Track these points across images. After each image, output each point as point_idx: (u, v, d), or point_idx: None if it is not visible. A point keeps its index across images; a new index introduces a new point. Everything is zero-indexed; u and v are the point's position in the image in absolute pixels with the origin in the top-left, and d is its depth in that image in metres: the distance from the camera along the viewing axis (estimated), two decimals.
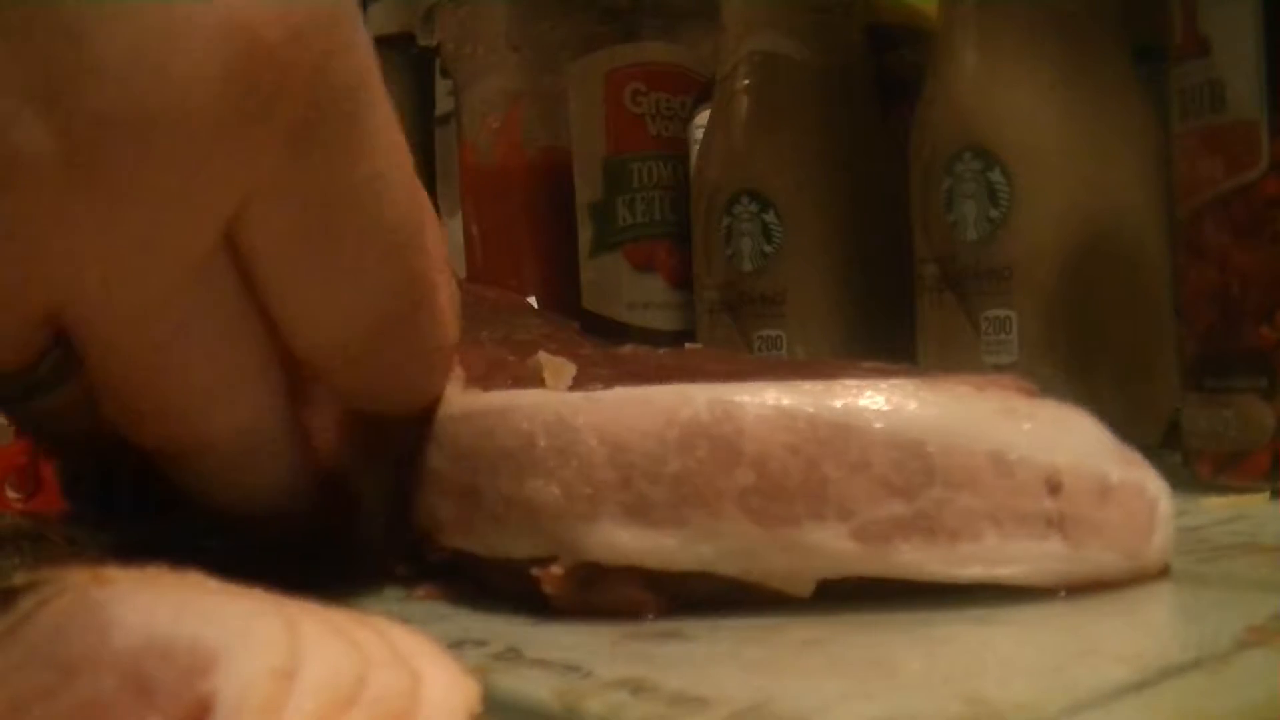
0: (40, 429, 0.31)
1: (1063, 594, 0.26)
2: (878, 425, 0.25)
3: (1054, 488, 0.26)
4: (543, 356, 0.28)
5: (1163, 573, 0.27)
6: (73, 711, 0.16)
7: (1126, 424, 0.27)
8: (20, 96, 0.21)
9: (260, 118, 0.23)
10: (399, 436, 0.30)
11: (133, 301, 0.24)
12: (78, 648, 0.16)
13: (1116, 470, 0.26)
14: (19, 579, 0.19)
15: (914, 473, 0.25)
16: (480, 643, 0.24)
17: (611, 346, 0.36)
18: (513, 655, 0.23)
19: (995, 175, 0.48)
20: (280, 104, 0.23)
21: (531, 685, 0.21)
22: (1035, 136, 0.49)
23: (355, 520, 0.32)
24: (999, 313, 0.48)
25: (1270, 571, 0.29)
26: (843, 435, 0.25)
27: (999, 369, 0.47)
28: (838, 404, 0.25)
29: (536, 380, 0.28)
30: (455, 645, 0.17)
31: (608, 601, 0.25)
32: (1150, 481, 0.27)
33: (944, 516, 0.25)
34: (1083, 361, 0.48)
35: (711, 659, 0.23)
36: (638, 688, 0.21)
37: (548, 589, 0.25)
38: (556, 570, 0.25)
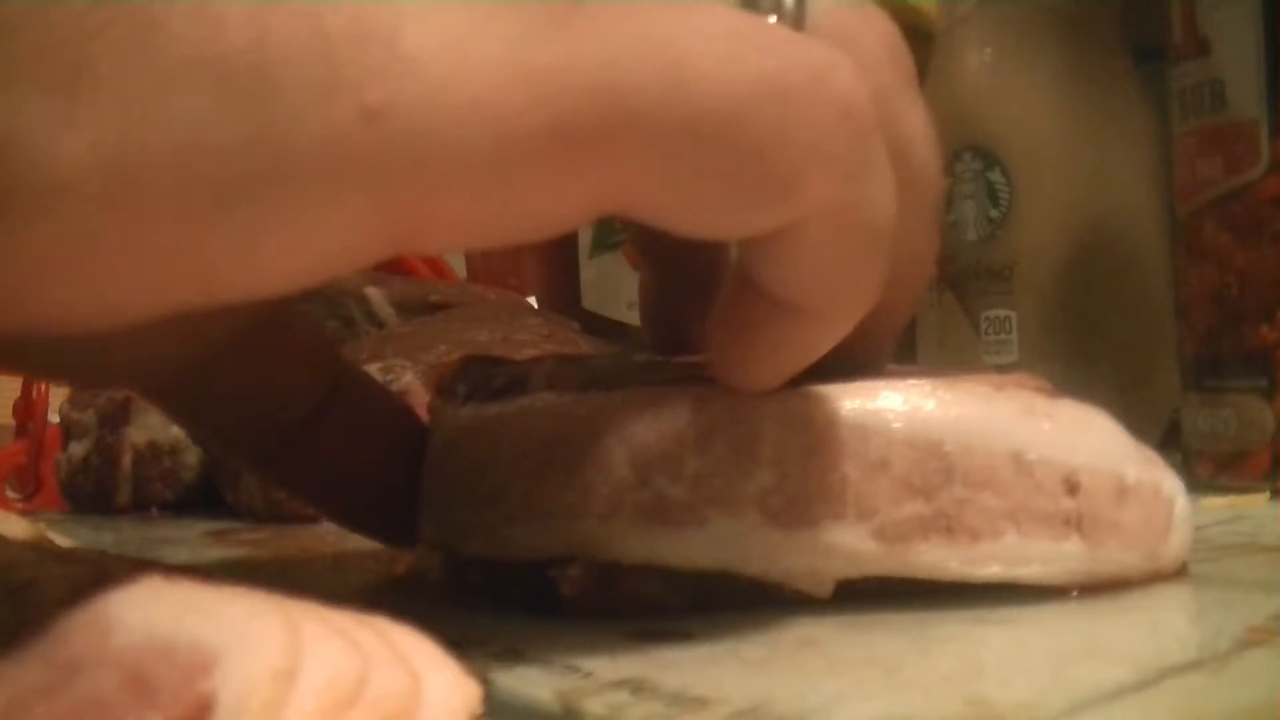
0: None
1: (1075, 594, 0.26)
2: (897, 425, 0.25)
3: (1072, 488, 0.26)
4: None
5: (1180, 572, 0.27)
6: (73, 710, 0.16)
7: (1126, 424, 0.27)
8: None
9: None
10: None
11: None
12: (78, 647, 0.16)
13: (1134, 470, 0.26)
14: (19, 579, 0.19)
15: (933, 473, 0.25)
16: (480, 643, 0.24)
17: (625, 351, 0.36)
18: (513, 655, 0.23)
19: (995, 175, 0.48)
20: None
21: (531, 685, 0.21)
22: (1035, 136, 0.49)
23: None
24: (999, 313, 0.49)
25: (1270, 571, 0.29)
26: (862, 435, 0.25)
27: (999, 369, 0.47)
28: (856, 404, 0.25)
29: (526, 385, 0.28)
30: (455, 645, 0.17)
31: (626, 601, 0.25)
32: (1167, 481, 0.27)
33: (964, 516, 0.25)
34: (1083, 361, 0.48)
35: (711, 659, 0.23)
36: (638, 688, 0.21)
37: (566, 591, 0.25)
38: (574, 571, 0.25)
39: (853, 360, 0.25)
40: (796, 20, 0.24)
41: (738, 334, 0.25)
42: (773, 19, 0.23)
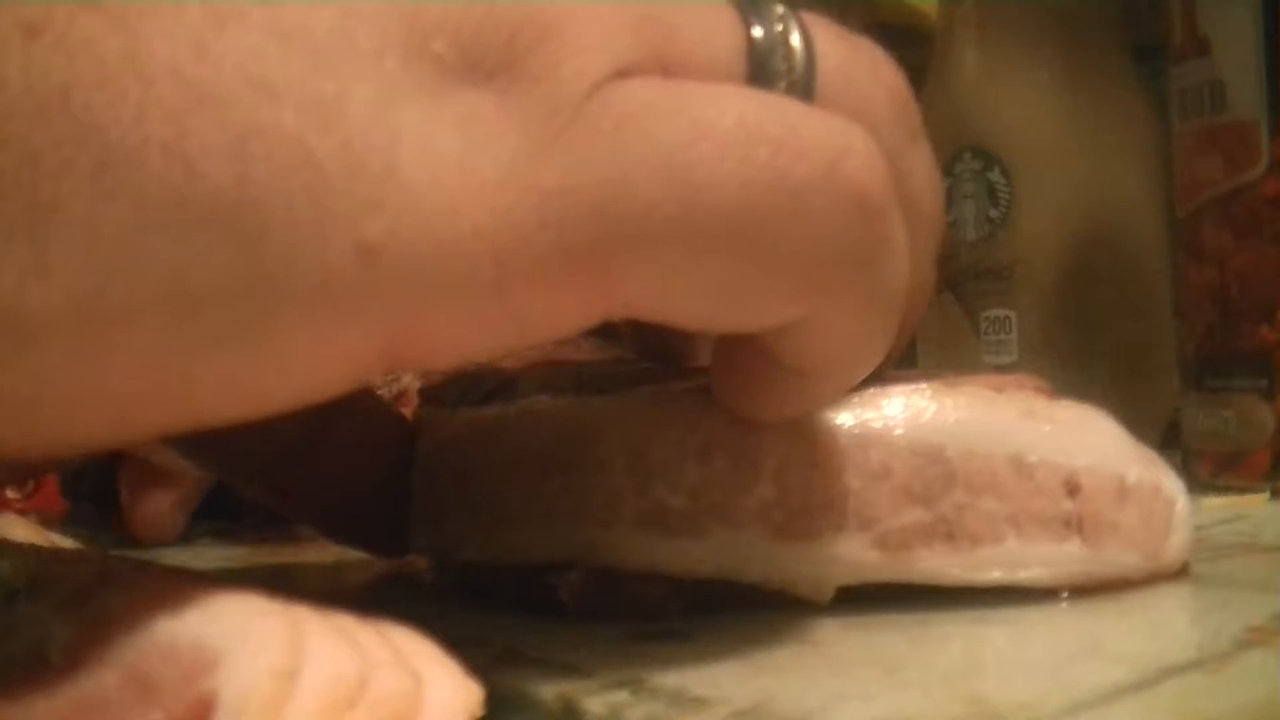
0: None
1: (1065, 595, 0.26)
2: (898, 433, 0.25)
3: (1073, 489, 0.26)
4: None
5: (1181, 572, 0.27)
6: (75, 709, 0.16)
7: (1126, 424, 0.27)
8: None
9: None
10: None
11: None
12: (80, 646, 0.16)
13: (1134, 470, 0.26)
14: (20, 579, 0.19)
15: (934, 479, 0.25)
16: (480, 643, 0.24)
17: (622, 356, 0.36)
18: (513, 655, 0.23)
19: (995, 175, 0.48)
20: None
21: (531, 685, 0.21)
22: (1035, 136, 0.49)
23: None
24: (999, 312, 0.49)
25: (1270, 571, 0.29)
26: (863, 445, 0.25)
27: (999, 369, 0.47)
28: (857, 414, 0.25)
29: (517, 390, 0.28)
30: (455, 645, 0.17)
31: (626, 605, 0.25)
32: (1167, 481, 0.27)
33: (965, 521, 0.25)
34: (1083, 361, 0.48)
35: (711, 659, 0.23)
36: (638, 688, 0.21)
37: (565, 596, 0.25)
38: (573, 577, 0.25)
39: None
40: (807, 84, 0.23)
41: (740, 382, 0.24)
42: (782, 85, 0.22)
